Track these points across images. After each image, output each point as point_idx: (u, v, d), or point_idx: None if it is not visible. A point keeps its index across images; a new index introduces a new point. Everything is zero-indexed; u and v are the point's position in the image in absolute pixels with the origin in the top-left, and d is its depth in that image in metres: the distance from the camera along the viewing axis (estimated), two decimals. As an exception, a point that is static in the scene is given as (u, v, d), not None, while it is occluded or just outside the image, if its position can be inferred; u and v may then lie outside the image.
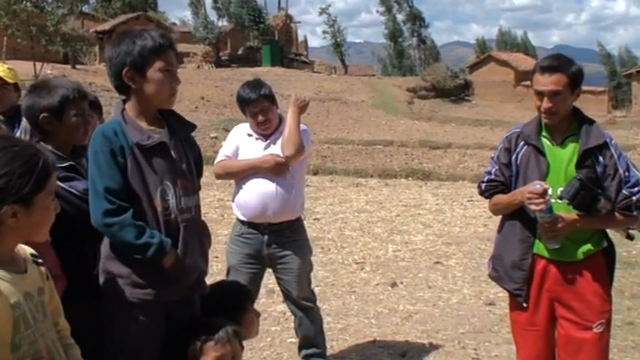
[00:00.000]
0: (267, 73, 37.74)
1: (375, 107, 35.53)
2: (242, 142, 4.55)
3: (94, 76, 30.85)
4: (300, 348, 4.80)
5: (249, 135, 4.56)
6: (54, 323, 2.24)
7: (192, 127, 3.17)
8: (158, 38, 2.86)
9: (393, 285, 7.09)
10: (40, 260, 2.25)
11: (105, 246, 2.89)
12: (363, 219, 10.92)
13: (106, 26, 43.64)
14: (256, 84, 4.56)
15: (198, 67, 43.76)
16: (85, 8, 47.78)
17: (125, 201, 2.77)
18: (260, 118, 4.46)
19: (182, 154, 3.00)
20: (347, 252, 8.68)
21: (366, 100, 36.70)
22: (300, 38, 60.09)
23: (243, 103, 4.51)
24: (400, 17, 72.19)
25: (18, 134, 4.87)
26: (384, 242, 9.28)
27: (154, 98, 2.92)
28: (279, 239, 4.49)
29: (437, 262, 8.06)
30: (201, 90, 31.19)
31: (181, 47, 48.24)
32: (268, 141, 4.51)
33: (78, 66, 33.68)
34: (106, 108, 4.56)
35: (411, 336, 5.61)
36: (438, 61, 58.78)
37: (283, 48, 50.94)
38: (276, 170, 4.40)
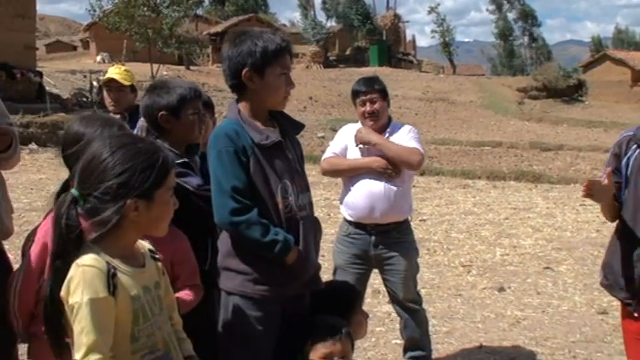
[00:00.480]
0: (374, 73, 37.76)
1: (483, 107, 34.97)
2: (351, 142, 4.58)
3: (207, 77, 31.85)
4: (406, 350, 4.79)
5: None
6: (168, 317, 2.33)
7: (302, 126, 3.22)
8: (279, 41, 2.92)
9: (501, 289, 6.95)
10: (157, 256, 2.34)
11: (223, 243, 2.96)
12: (470, 221, 10.75)
13: (219, 28, 44.97)
14: (372, 78, 4.68)
15: (307, 67, 44.33)
16: (199, 11, 49.18)
17: (249, 199, 2.83)
18: (368, 107, 4.48)
19: (294, 153, 3.06)
20: (453, 254, 8.58)
21: (475, 101, 36.18)
22: (408, 38, 59.76)
23: (355, 94, 4.56)
24: (511, 15, 70.82)
25: (135, 133, 5.11)
26: (491, 245, 9.11)
27: (269, 100, 2.99)
28: (386, 240, 4.49)
29: (546, 268, 7.84)
30: (310, 90, 31.55)
31: (290, 48, 49.15)
32: (377, 142, 4.52)
33: (192, 67, 34.79)
34: (217, 108, 4.70)
35: (518, 342, 5.47)
36: (550, 61, 57.19)
37: (391, 48, 50.85)
38: (386, 173, 4.42)
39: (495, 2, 70.63)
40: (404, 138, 4.51)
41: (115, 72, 5.25)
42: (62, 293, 2.05)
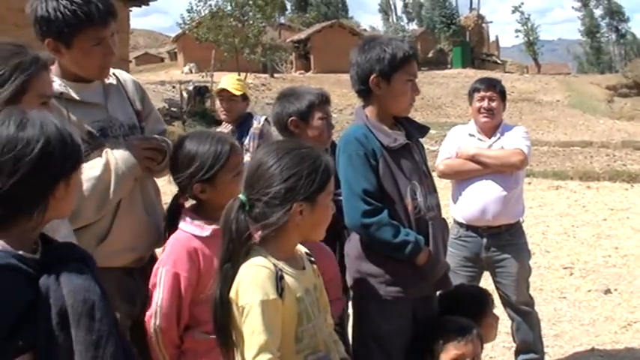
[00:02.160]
0: (457, 74, 37.50)
1: (571, 107, 34.17)
2: (463, 142, 4.62)
3: (291, 84, 32.19)
4: (518, 353, 4.77)
5: (471, 135, 4.63)
6: (324, 319, 2.41)
7: (427, 129, 3.28)
8: (407, 48, 3.00)
9: (607, 292, 6.82)
10: (312, 259, 2.44)
11: (353, 247, 3.04)
12: (567, 223, 10.56)
13: (302, 35, 45.43)
14: (493, 79, 4.81)
15: (388, 71, 44.19)
16: (282, 19, 49.82)
17: (379, 201, 2.91)
18: (486, 103, 4.53)
19: (420, 155, 3.14)
20: (553, 256, 8.45)
21: (562, 100, 35.40)
22: (491, 38, 58.88)
23: (474, 90, 4.63)
24: (597, 12, 68.89)
25: (246, 141, 5.28)
26: (591, 247, 8.93)
27: (396, 106, 3.07)
28: (498, 242, 4.50)
29: (653, 269, 7.64)
30: (393, 94, 31.48)
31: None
32: (490, 141, 4.55)
33: (275, 75, 35.25)
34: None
35: (633, 345, 5.37)
36: (641, 57, 55.34)
37: (474, 49, 50.24)
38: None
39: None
40: (514, 137, 4.55)
41: (227, 82, 5.43)
42: (231, 295, 2.16)
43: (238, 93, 5.42)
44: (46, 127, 1.74)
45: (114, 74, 3.03)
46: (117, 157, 2.76)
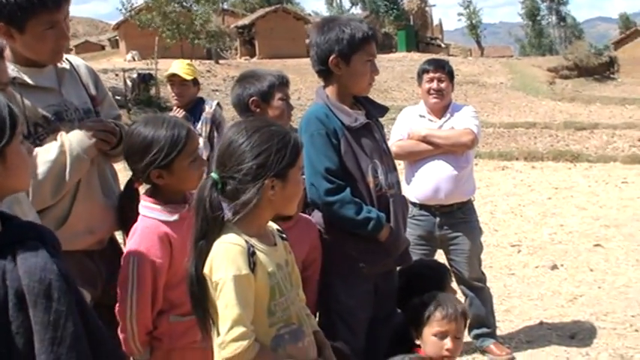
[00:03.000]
0: (403, 58, 37.70)
1: (514, 89, 34.65)
2: (414, 124, 4.69)
3: (236, 70, 31.89)
4: (471, 327, 4.89)
5: (421, 116, 4.71)
6: (297, 294, 2.46)
7: (386, 109, 3.35)
8: (366, 29, 3.05)
9: (553, 267, 7.02)
10: (284, 235, 2.48)
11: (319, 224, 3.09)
12: (514, 202, 10.81)
13: (246, 21, 44.99)
14: (441, 60, 4.93)
15: (334, 56, 44.11)
16: (224, 4, 49.34)
17: (342, 180, 2.96)
18: (435, 84, 4.60)
19: (380, 133, 3.20)
20: (501, 235, 8.65)
21: (505, 82, 35.87)
22: (435, 21, 59.38)
23: (423, 72, 4.70)
24: (538, -5, 70.02)
25: (199, 126, 5.27)
26: (538, 225, 9.16)
27: (355, 85, 3.12)
28: (451, 221, 4.61)
29: (596, 245, 7.87)
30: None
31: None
32: (441, 122, 4.63)
33: (220, 61, 34.92)
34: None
35: (579, 318, 5.56)
36: (580, 39, 56.54)
37: (418, 32, 50.58)
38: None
39: (522, -18, 70.05)
40: (464, 117, 4.64)
41: (178, 67, 5.41)
42: (205, 271, 2.21)
43: (189, 77, 5.41)
44: None
45: (67, 59, 3.01)
46: (71, 139, 2.76)
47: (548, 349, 5.00)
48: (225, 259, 2.18)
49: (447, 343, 2.93)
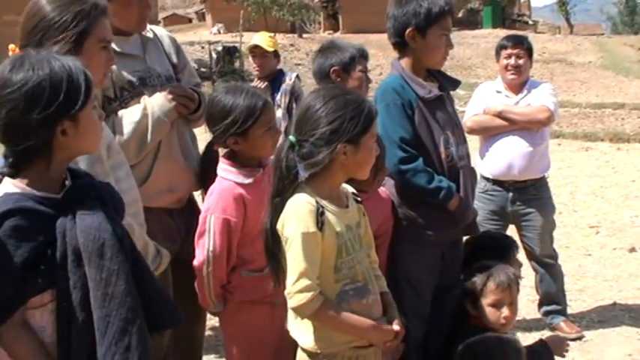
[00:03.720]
0: (488, 35, 36.95)
1: (603, 68, 33.60)
2: (490, 99, 4.71)
3: (319, 44, 32.01)
4: (541, 304, 4.91)
5: (498, 92, 4.72)
6: (367, 255, 2.59)
7: (458, 83, 3.44)
8: (442, 3, 3.13)
9: (632, 250, 6.89)
10: (359, 198, 2.62)
11: (388, 192, 3.21)
12: (595, 183, 10.59)
13: (330, -6, 44.89)
14: (520, 36, 4.94)
15: (418, 31, 43.56)
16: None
17: (415, 149, 3.07)
18: (513, 60, 4.61)
19: (452, 106, 3.28)
20: (580, 215, 8.53)
21: (594, 61, 34.80)
22: (523, -2, 57.88)
23: (501, 47, 4.72)
24: (633, -29, 67.30)
25: (278, 97, 5.41)
26: (619, 207, 8.97)
27: (430, 58, 3.21)
28: (524, 197, 4.62)
29: (679, 229, 7.69)
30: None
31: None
32: (517, 98, 4.64)
33: (304, 35, 35.08)
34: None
35: (654, 301, 5.49)
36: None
37: (505, 8, 49.44)
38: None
39: (616, -42, 67.47)
40: (541, 94, 4.63)
41: (260, 39, 5.54)
42: (278, 226, 2.38)
43: (271, 49, 5.53)
44: (37, 69, 1.83)
45: (151, 29, 3.23)
46: (153, 102, 2.99)
47: (619, 330, 4.96)
48: (295, 216, 2.33)
49: (505, 311, 3.03)
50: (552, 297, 4.84)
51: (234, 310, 2.91)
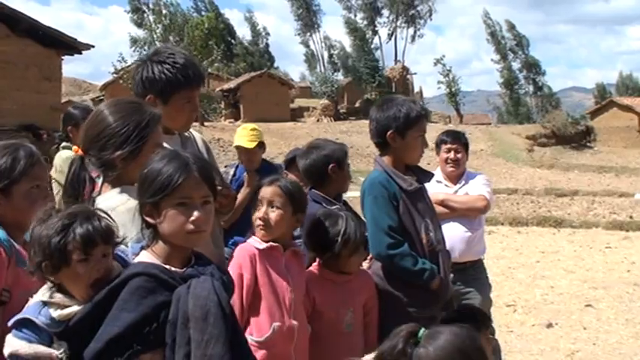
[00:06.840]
0: (385, 124, 38.35)
1: (494, 156, 35.50)
2: (432, 188, 5.10)
3: (221, 133, 32.48)
4: (480, 378, 5.22)
5: (438, 182, 5.13)
6: None
7: (432, 175, 3.85)
8: (419, 109, 3.55)
9: (549, 326, 7.41)
10: None
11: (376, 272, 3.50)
12: (503, 265, 11.24)
13: (232, 84, 45.73)
14: (458, 131, 5.36)
15: (318, 120, 44.82)
16: (209, 69, 50.04)
17: (401, 235, 3.41)
18: (452, 155, 5.06)
19: (427, 197, 3.65)
20: (496, 295, 8.88)
21: (485, 149, 36.70)
22: (416, 89, 60.64)
23: (441, 142, 5.13)
24: (515, 65, 71.99)
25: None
26: (529, 286, 9.60)
27: (409, 156, 3.60)
28: (464, 277, 4.97)
29: (587, 305, 8.30)
30: (323, 143, 32.02)
31: (301, 102, 49.69)
32: (456, 188, 5.07)
33: (205, 123, 35.45)
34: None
35: (578, 371, 5.94)
36: (557, 108, 58.03)
37: (399, 99, 51.46)
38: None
39: (500, 52, 72.01)
40: (477, 184, 5.07)
41: (240, 140, 5.18)
42: None
43: (253, 145, 5.17)
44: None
45: None
46: None
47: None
48: None
49: None
50: (491, 371, 5.17)
51: None
